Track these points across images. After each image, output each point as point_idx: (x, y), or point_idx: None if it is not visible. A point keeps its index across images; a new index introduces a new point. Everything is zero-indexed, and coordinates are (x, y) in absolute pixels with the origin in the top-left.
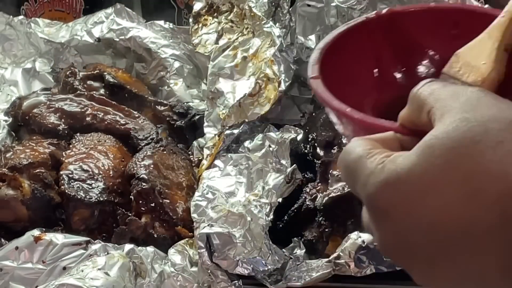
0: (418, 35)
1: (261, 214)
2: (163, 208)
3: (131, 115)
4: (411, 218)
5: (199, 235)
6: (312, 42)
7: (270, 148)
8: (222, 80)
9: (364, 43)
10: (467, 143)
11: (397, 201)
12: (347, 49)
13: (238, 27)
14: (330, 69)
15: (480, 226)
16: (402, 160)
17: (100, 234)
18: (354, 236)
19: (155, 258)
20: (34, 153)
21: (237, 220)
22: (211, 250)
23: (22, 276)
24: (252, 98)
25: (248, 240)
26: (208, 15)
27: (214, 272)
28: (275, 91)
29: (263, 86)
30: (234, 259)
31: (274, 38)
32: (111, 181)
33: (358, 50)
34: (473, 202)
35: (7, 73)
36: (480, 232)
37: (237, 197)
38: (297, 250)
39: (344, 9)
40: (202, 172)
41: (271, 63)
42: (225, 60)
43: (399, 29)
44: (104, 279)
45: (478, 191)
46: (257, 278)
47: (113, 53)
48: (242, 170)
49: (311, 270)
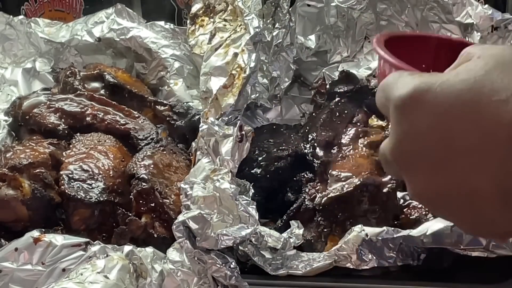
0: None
1: (225, 184)
2: (163, 208)
3: (131, 115)
4: (430, 123)
5: (175, 226)
6: (312, 42)
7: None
8: (214, 79)
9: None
10: (503, 69)
11: (427, 103)
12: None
13: (231, 25)
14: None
15: (489, 145)
16: (438, 74)
17: (100, 234)
18: (358, 229)
19: (155, 258)
20: (34, 153)
21: (209, 200)
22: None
23: (22, 278)
24: (226, 90)
25: (225, 213)
26: (204, 16)
27: (201, 258)
28: (243, 79)
29: (236, 76)
30: (214, 236)
31: (249, 28)
32: (111, 181)
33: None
34: (497, 117)
35: (7, 73)
36: (487, 149)
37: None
38: (295, 229)
39: (344, 9)
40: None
41: (242, 53)
42: (216, 59)
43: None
44: (103, 282)
45: (502, 106)
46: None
47: (113, 53)
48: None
49: (313, 260)
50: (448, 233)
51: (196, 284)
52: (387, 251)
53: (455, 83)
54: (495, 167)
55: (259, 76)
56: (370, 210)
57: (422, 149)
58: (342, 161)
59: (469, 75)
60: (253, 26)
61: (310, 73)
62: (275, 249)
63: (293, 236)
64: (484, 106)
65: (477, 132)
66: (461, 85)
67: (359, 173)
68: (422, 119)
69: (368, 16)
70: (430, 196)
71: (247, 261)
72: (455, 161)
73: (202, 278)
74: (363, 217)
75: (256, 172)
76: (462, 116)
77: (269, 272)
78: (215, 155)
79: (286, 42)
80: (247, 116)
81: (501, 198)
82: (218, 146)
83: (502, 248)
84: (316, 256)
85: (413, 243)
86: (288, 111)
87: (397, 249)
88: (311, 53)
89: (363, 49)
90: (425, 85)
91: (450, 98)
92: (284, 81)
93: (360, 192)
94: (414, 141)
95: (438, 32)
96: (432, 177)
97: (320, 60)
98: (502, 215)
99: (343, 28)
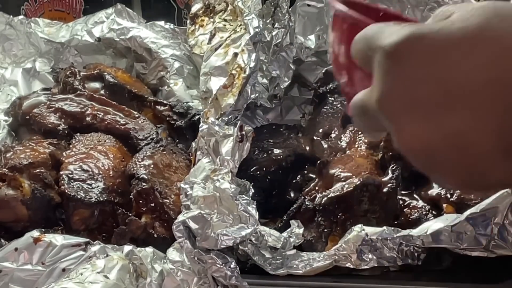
0: None
1: (225, 184)
2: (163, 208)
3: (131, 115)
4: (427, 69)
5: (175, 226)
6: (312, 42)
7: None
8: (214, 79)
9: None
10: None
11: (422, 50)
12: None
13: (231, 25)
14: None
15: (497, 86)
16: (427, 23)
17: (100, 234)
18: (358, 229)
19: (155, 258)
20: (34, 153)
21: (209, 200)
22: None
23: (22, 278)
24: (226, 90)
25: (225, 213)
26: (204, 16)
27: (201, 258)
28: (243, 79)
29: (236, 76)
30: (214, 236)
31: (249, 28)
32: (111, 181)
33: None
34: (500, 63)
35: (7, 73)
36: (491, 96)
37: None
38: (295, 229)
39: None
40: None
41: (242, 53)
42: (216, 59)
43: None
44: (103, 282)
45: (505, 52)
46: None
47: (113, 53)
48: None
49: (313, 260)
50: (448, 233)
51: (196, 284)
52: (387, 251)
53: (452, 30)
54: (500, 116)
55: (259, 76)
56: (370, 210)
57: (418, 97)
58: (341, 161)
59: (466, 23)
60: (253, 26)
61: (310, 73)
62: (275, 249)
63: (293, 235)
64: (488, 52)
65: (480, 77)
66: (460, 32)
67: (359, 173)
68: (419, 65)
69: None
70: (420, 146)
71: (247, 260)
72: (454, 109)
73: (202, 278)
74: (364, 217)
75: (256, 172)
76: (463, 61)
77: (269, 271)
78: (215, 155)
79: (285, 42)
80: (247, 116)
81: (502, 149)
82: (218, 146)
83: (502, 248)
84: (316, 255)
85: (413, 243)
86: (288, 111)
87: (397, 249)
88: (311, 53)
89: None
90: (420, 31)
91: (449, 44)
92: (284, 81)
93: (360, 192)
94: (409, 88)
95: None
96: (426, 125)
97: (320, 60)
98: (498, 167)
99: None
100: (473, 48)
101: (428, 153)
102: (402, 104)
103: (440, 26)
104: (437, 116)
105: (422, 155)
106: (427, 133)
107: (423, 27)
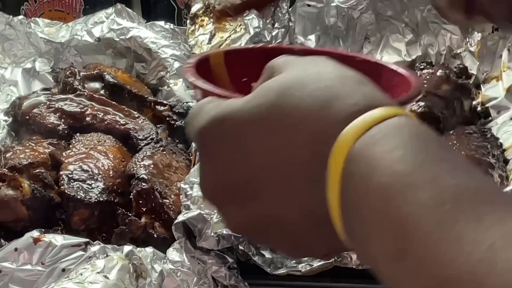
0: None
1: None
2: (163, 208)
3: (131, 115)
4: (228, 156)
5: (175, 226)
6: (312, 42)
7: None
8: None
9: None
10: (297, 87)
11: (223, 136)
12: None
13: (231, 25)
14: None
15: (292, 165)
16: (236, 100)
17: (100, 234)
18: None
19: (155, 258)
20: (34, 153)
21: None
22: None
23: (22, 278)
24: None
25: None
26: (204, 16)
27: (201, 258)
28: None
29: None
30: (214, 236)
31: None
32: (111, 181)
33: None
34: (289, 142)
35: (7, 73)
36: (291, 170)
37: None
38: None
39: (344, 9)
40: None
41: None
42: None
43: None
44: (103, 282)
45: (293, 130)
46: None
47: (113, 53)
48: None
49: (313, 260)
50: None
51: (196, 284)
52: None
53: (245, 111)
54: (302, 193)
55: None
56: None
57: (226, 184)
58: None
59: (259, 101)
60: (253, 26)
61: None
62: None
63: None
64: (278, 130)
65: (274, 159)
66: (253, 112)
67: None
68: (221, 152)
69: (368, 16)
70: (248, 229)
71: (247, 260)
72: (261, 193)
73: (202, 278)
74: None
75: None
76: (256, 145)
77: (269, 271)
78: None
79: (285, 42)
80: None
81: (311, 224)
82: None
83: None
84: None
85: None
86: None
87: None
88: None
89: (363, 49)
90: (222, 114)
91: (244, 126)
92: None
93: None
94: (218, 175)
95: (437, 33)
96: (242, 210)
97: None
98: (315, 240)
99: (343, 29)
100: (263, 129)
101: (257, 234)
102: (217, 192)
103: (241, 104)
104: (248, 201)
105: (254, 236)
106: (246, 218)
107: (228, 107)
